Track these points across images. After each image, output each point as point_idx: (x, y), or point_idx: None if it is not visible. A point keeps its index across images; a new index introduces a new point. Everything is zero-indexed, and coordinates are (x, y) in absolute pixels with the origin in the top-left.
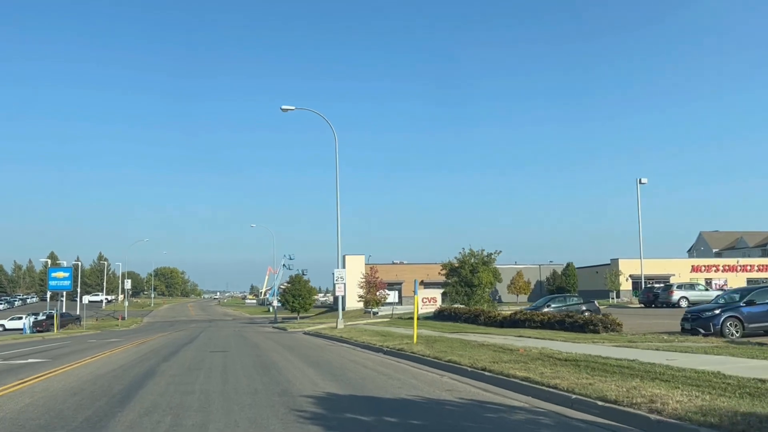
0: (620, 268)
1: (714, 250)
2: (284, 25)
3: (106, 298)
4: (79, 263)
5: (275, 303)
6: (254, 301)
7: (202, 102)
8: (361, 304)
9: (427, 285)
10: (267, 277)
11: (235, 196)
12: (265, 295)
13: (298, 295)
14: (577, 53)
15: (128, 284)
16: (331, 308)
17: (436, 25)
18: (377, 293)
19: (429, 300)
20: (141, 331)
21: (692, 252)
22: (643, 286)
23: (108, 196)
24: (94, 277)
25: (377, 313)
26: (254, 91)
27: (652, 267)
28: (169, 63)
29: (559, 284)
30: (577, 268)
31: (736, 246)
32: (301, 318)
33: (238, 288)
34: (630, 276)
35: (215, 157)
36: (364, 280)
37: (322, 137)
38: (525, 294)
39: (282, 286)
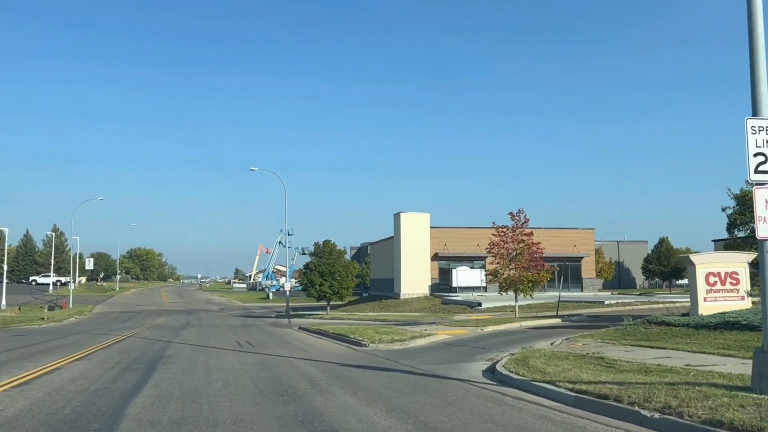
0: None
1: None
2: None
3: (60, 281)
4: (5, 233)
5: (287, 287)
6: (243, 285)
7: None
8: (424, 289)
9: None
10: (258, 258)
11: (217, 178)
12: (254, 278)
13: (329, 274)
14: None
15: (90, 264)
16: (360, 296)
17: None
18: (536, 269)
19: (726, 278)
20: (62, 333)
21: None
22: None
23: (87, 178)
24: (49, 256)
25: (481, 306)
26: (247, 89)
27: None
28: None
29: (658, 267)
30: (716, 241)
31: None
32: (332, 309)
33: (220, 273)
34: None
35: (193, 138)
36: (496, 239)
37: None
38: (605, 278)
39: (274, 266)
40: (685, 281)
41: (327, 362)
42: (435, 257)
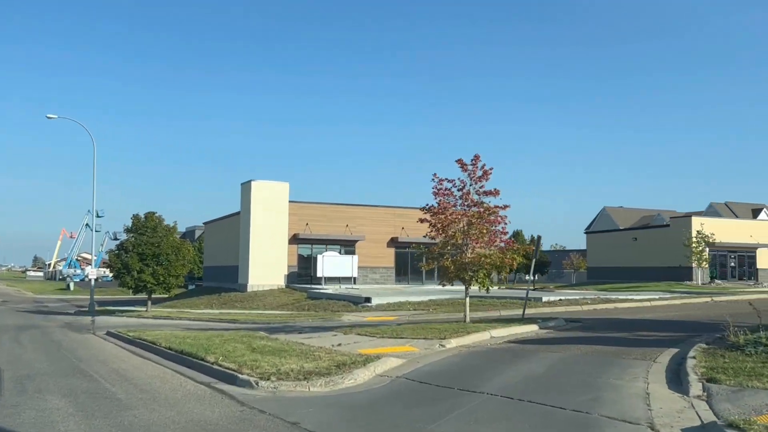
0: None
1: (621, 228)
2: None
3: None
4: None
5: (93, 275)
6: (40, 274)
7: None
8: (279, 280)
9: (397, 246)
10: (60, 243)
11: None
12: (54, 267)
13: (152, 257)
14: None
15: None
16: (186, 288)
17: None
18: (499, 247)
19: None
20: None
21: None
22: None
23: None
24: None
25: (370, 303)
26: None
27: (726, 231)
28: None
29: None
30: (590, 232)
31: (651, 223)
32: (153, 304)
33: (19, 261)
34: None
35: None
36: (438, 202)
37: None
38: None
39: (79, 253)
40: (531, 277)
41: None
42: (294, 239)
